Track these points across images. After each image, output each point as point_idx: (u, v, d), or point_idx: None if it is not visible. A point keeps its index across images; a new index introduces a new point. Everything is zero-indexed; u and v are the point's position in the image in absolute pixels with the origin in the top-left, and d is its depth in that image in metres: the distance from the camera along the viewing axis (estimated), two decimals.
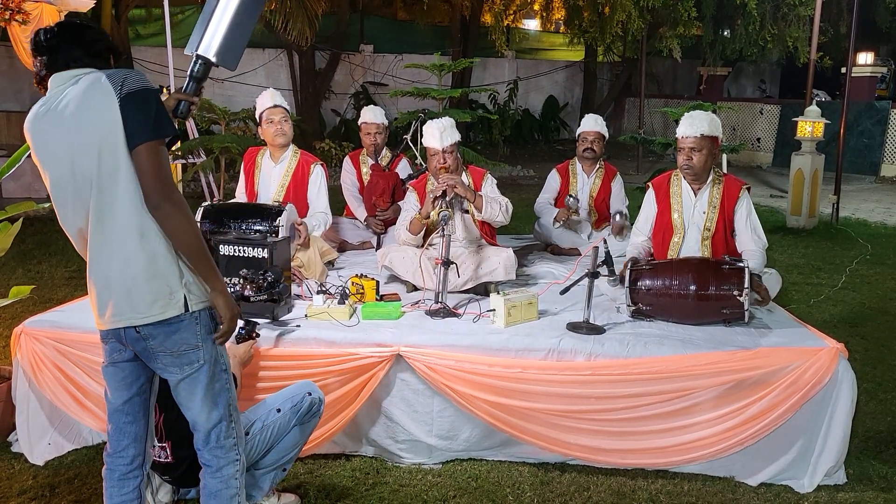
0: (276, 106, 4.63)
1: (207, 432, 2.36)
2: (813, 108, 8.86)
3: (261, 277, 3.16)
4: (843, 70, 9.65)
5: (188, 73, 2.43)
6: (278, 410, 2.82)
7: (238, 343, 3.08)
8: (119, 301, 2.22)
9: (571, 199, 5.11)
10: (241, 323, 3.07)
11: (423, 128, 4.27)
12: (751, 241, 3.87)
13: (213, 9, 2.40)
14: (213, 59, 2.41)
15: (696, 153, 3.87)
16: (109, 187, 2.15)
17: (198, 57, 2.41)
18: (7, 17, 6.47)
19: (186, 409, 2.36)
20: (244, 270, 3.27)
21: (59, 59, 2.22)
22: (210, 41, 2.39)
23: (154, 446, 2.79)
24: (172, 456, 2.81)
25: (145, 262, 2.18)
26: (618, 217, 4.90)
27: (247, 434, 2.75)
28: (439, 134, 4.14)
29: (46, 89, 2.25)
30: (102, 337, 2.37)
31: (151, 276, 2.19)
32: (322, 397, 2.96)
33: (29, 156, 3.65)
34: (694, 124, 3.87)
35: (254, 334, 3.15)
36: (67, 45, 2.22)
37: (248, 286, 3.13)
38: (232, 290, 3.23)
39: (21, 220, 3.59)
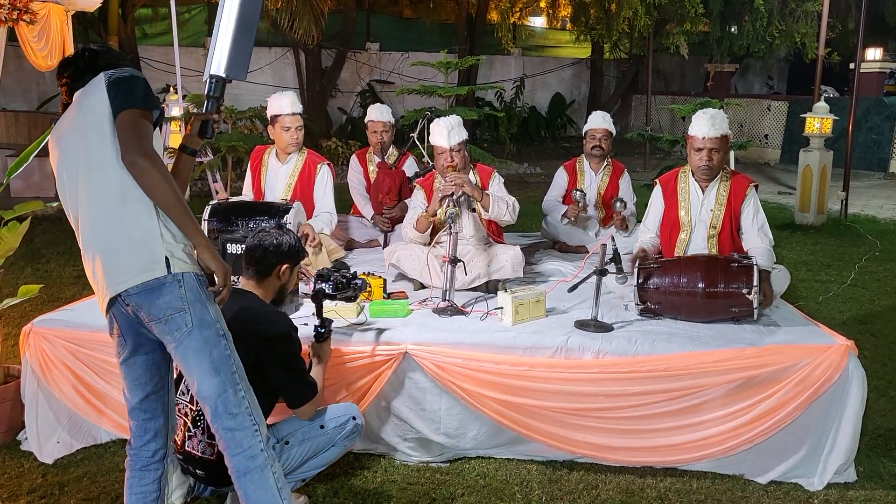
0: (294, 113, 4.63)
1: (214, 404, 2.30)
2: (821, 105, 8.82)
3: (338, 274, 3.14)
4: (852, 66, 9.61)
5: (205, 94, 2.53)
6: (321, 427, 2.83)
7: (320, 343, 3.04)
8: (106, 269, 2.26)
9: (578, 192, 5.08)
10: (317, 322, 3.04)
11: (431, 126, 4.27)
12: (757, 238, 3.83)
13: (217, 31, 2.53)
14: (224, 75, 2.51)
15: (716, 153, 3.84)
16: (97, 161, 2.25)
17: (211, 76, 2.51)
18: (14, 17, 6.48)
19: (191, 382, 2.33)
20: (322, 268, 3.24)
21: (78, 86, 2.39)
22: (219, 59, 2.50)
23: (201, 441, 2.78)
24: (217, 455, 2.82)
25: (127, 224, 2.23)
26: (617, 205, 4.88)
27: (287, 443, 2.77)
28: (447, 132, 4.13)
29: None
30: (109, 331, 2.41)
31: (132, 239, 2.23)
32: (363, 424, 2.97)
33: (36, 155, 3.69)
34: (716, 124, 3.81)
35: (329, 331, 3.10)
36: (81, 74, 2.39)
37: (327, 284, 3.10)
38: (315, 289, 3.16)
39: (29, 219, 3.61)
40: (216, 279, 2.30)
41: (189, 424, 2.77)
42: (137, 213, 2.24)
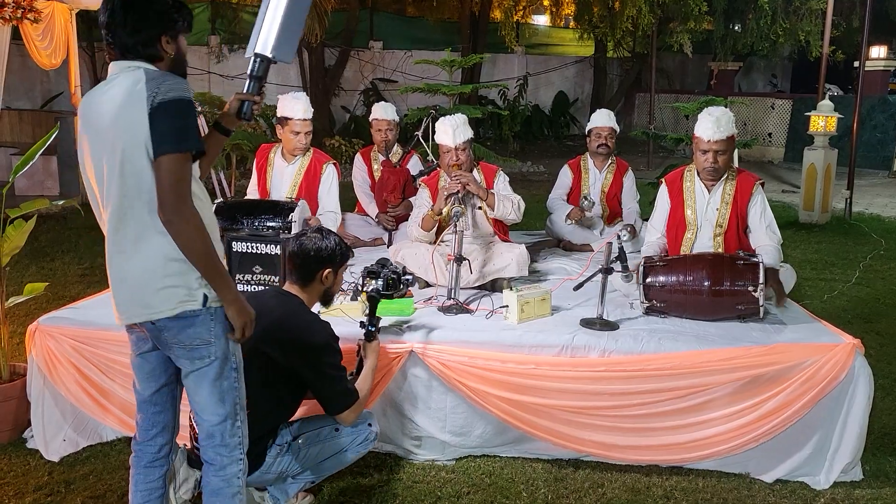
0: (305, 119, 4.62)
1: (211, 429, 2.35)
2: (825, 103, 8.80)
3: (387, 270, 3.11)
4: (856, 64, 9.60)
5: (248, 73, 2.45)
6: (336, 430, 2.83)
7: (370, 342, 3.02)
8: (135, 298, 2.24)
9: (587, 200, 5.10)
10: (365, 319, 3.04)
11: (436, 124, 4.27)
12: (765, 236, 3.82)
13: (266, 8, 2.44)
14: (270, 55, 2.43)
15: (722, 155, 3.80)
16: (133, 190, 2.16)
17: (256, 55, 2.43)
18: (19, 15, 6.48)
19: (193, 403, 2.36)
20: (371, 265, 3.21)
21: (111, 44, 2.23)
22: (266, 38, 2.42)
23: None
24: None
25: (163, 261, 2.19)
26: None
27: (301, 442, 2.77)
28: (452, 131, 4.13)
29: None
30: (126, 328, 2.40)
31: (168, 276, 2.19)
32: (378, 431, 2.97)
33: (41, 154, 3.69)
34: (722, 126, 3.76)
35: (378, 330, 3.09)
36: (113, 31, 2.21)
37: (378, 282, 3.07)
38: (363, 287, 3.12)
39: (35, 217, 3.61)
40: (235, 330, 2.29)
41: None
42: (175, 251, 2.18)
